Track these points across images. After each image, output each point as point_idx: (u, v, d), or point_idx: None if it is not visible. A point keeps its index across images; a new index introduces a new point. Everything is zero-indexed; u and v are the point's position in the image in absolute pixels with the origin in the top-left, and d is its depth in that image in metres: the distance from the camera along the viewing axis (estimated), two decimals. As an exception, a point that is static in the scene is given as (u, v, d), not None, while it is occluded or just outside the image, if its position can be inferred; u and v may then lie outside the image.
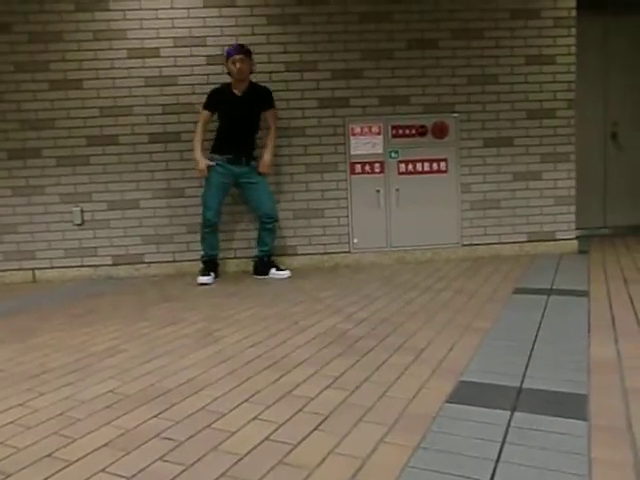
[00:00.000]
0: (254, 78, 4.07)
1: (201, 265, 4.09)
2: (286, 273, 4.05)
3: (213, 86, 4.20)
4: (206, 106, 3.96)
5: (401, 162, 4.41)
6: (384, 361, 2.15)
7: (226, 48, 3.94)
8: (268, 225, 4.03)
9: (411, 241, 4.47)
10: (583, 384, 1.83)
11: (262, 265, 4.10)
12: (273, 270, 4.07)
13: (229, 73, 3.90)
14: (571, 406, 1.67)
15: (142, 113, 4.29)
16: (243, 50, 3.83)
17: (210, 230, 4.01)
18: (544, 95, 4.48)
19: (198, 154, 3.92)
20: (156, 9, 4.23)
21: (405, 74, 4.38)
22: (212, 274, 4.01)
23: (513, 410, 1.66)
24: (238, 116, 3.90)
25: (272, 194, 4.13)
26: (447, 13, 4.37)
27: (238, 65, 3.79)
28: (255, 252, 4.20)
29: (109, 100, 4.28)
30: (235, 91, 3.92)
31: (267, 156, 4.01)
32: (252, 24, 4.28)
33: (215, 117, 4.00)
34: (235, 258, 4.44)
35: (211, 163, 3.92)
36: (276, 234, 4.19)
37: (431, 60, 4.39)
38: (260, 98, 3.97)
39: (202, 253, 4.11)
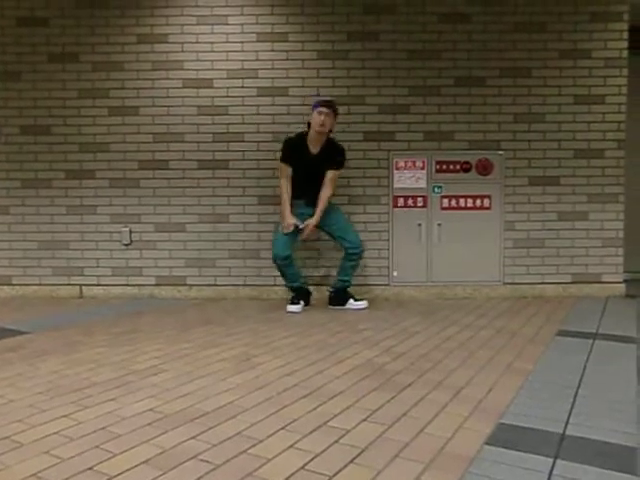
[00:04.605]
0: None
1: (291, 293, 4.02)
2: (363, 304, 3.96)
3: (263, 117, 4.38)
4: (284, 159, 3.87)
5: (444, 197, 4.41)
6: (422, 397, 2.12)
7: (315, 99, 3.92)
8: (354, 256, 3.93)
9: (452, 277, 4.43)
10: (632, 436, 1.75)
11: (340, 296, 4.02)
12: (351, 301, 3.99)
13: (308, 125, 3.84)
14: (619, 459, 1.60)
15: (193, 140, 4.46)
16: (332, 106, 3.79)
17: (284, 264, 3.87)
18: (592, 135, 4.43)
19: (287, 211, 3.83)
20: (212, 42, 4.43)
21: (451, 110, 4.42)
22: (302, 302, 3.97)
23: (555, 458, 1.60)
24: (311, 171, 3.84)
25: (352, 225, 4.12)
26: (495, 52, 4.41)
27: (323, 118, 3.71)
28: (334, 282, 4.10)
29: (162, 127, 4.46)
30: (311, 147, 3.84)
31: (315, 218, 3.83)
32: (302, 58, 4.42)
33: None
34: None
35: (299, 224, 3.82)
36: (359, 266, 4.07)
37: (477, 97, 4.42)
38: (332, 158, 3.87)
39: (288, 285, 4.03)
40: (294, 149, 3.86)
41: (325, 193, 3.87)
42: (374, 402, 2.07)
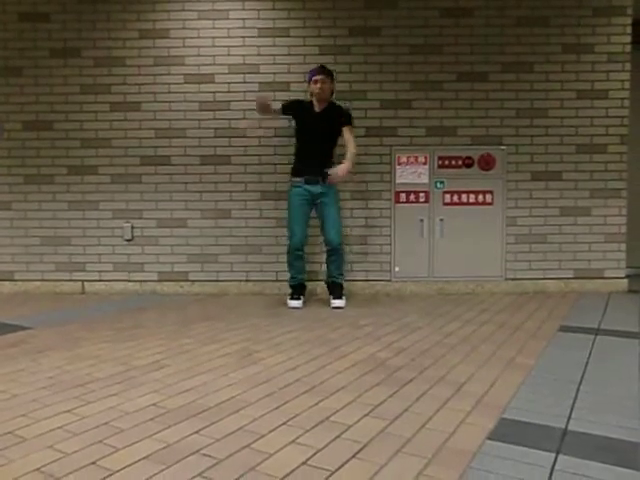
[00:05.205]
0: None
1: (289, 289, 4.02)
2: (336, 302, 3.89)
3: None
4: (284, 107, 3.90)
5: (446, 192, 4.40)
6: (424, 393, 2.12)
7: (308, 70, 3.99)
8: (330, 252, 3.94)
9: (454, 272, 4.42)
10: (634, 431, 1.75)
11: (332, 291, 4.00)
12: (332, 298, 3.95)
13: (311, 94, 3.90)
14: (621, 454, 1.60)
15: (195, 136, 4.45)
16: (325, 71, 3.87)
17: (297, 255, 3.93)
18: (595, 130, 4.41)
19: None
20: (213, 37, 4.42)
21: (453, 106, 4.40)
22: (302, 298, 3.98)
23: (558, 452, 1.60)
24: (315, 131, 3.88)
25: (339, 220, 3.96)
26: (497, 47, 4.39)
27: (319, 85, 3.81)
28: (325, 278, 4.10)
29: (164, 122, 4.46)
30: (315, 107, 3.91)
31: (345, 163, 3.73)
32: (304, 53, 4.41)
33: (293, 141, 4.03)
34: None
35: (270, 101, 3.72)
36: (340, 263, 3.97)
37: (480, 92, 4.40)
38: (338, 115, 3.91)
39: (290, 278, 4.02)
40: (300, 104, 3.94)
41: (350, 149, 3.85)
42: (376, 397, 2.07)
